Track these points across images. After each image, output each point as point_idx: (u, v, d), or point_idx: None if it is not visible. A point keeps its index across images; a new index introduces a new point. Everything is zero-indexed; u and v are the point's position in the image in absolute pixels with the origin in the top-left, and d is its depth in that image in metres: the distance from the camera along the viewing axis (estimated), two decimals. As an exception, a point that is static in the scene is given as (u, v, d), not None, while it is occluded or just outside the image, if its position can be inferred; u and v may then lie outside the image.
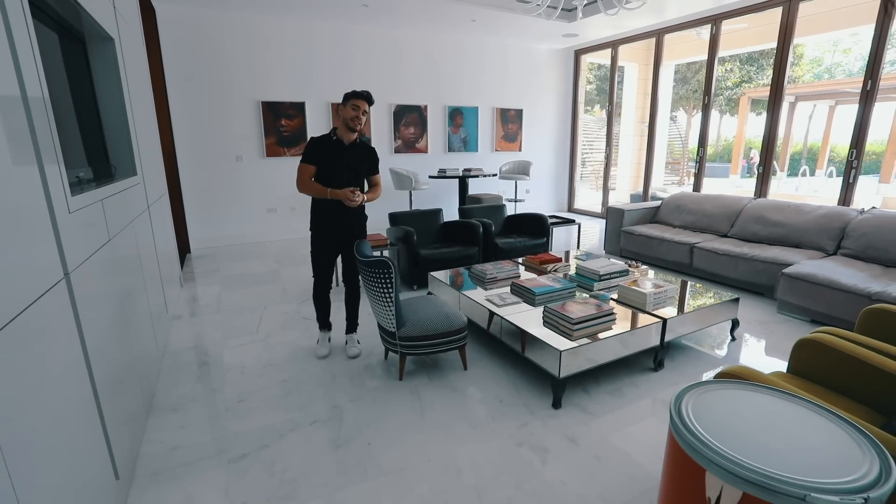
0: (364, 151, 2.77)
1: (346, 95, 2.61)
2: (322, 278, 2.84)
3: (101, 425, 1.56)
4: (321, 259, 2.80)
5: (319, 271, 2.82)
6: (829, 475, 0.97)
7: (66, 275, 1.39)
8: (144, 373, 2.31)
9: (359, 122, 2.60)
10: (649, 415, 2.26)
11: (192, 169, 5.61)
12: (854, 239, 3.78)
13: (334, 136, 2.67)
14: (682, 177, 12.16)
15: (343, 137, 2.66)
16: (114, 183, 2.26)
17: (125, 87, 2.72)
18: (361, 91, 2.63)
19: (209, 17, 5.35)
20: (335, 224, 2.72)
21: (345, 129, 2.65)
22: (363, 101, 2.61)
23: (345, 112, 2.61)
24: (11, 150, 1.17)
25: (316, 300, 2.91)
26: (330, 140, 2.67)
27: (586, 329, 2.44)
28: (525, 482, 1.81)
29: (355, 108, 2.58)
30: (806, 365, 1.86)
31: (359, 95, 2.60)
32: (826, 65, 13.60)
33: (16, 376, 1.05)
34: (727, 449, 1.05)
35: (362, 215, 2.83)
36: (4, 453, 0.96)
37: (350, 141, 2.68)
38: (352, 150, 2.69)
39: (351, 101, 2.59)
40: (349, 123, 2.60)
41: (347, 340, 2.98)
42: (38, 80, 1.38)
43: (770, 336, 3.20)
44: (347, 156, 2.67)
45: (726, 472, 1.01)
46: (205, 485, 1.81)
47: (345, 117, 2.61)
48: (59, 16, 2.06)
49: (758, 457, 1.02)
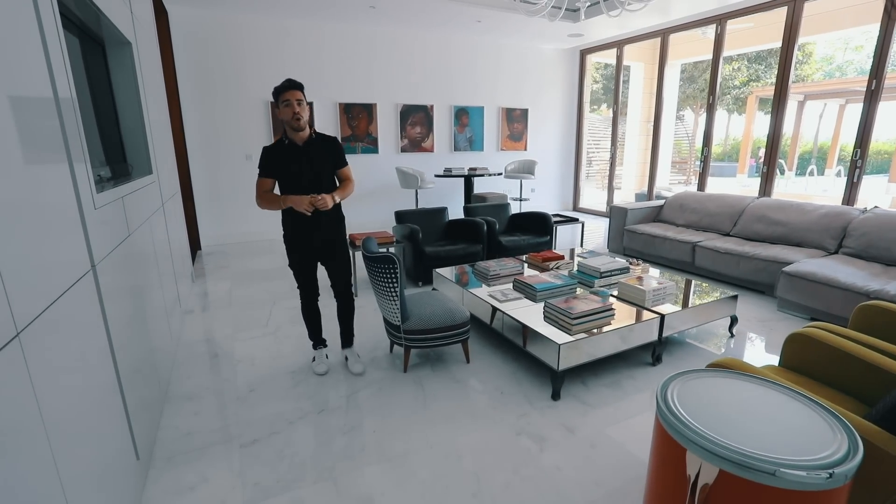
0: (323, 146, 2.42)
1: (273, 95, 2.29)
2: (306, 289, 2.60)
3: (124, 409, 1.66)
4: (300, 269, 2.56)
5: (303, 282, 2.58)
6: (800, 453, 1.04)
7: (92, 266, 1.49)
8: (160, 363, 2.42)
9: (300, 118, 2.25)
10: (646, 408, 2.33)
11: (202, 168, 5.75)
12: (855, 238, 3.81)
13: (285, 139, 2.36)
14: (688, 176, 12.14)
15: (294, 139, 2.35)
16: (131, 181, 2.37)
17: (141, 89, 2.84)
18: (284, 82, 2.26)
19: (220, 19, 5.48)
20: (306, 231, 2.45)
21: (291, 131, 2.33)
22: (291, 90, 2.24)
23: (282, 114, 2.27)
24: (46, 148, 1.27)
25: (304, 313, 2.69)
26: (282, 145, 2.36)
27: (585, 324, 2.51)
28: (522, 468, 1.89)
29: (287, 104, 2.24)
30: (796, 358, 1.92)
31: (283, 88, 2.25)
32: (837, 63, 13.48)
33: (53, 359, 1.15)
34: (706, 430, 1.12)
35: (337, 216, 2.52)
36: (48, 432, 1.06)
37: (303, 140, 2.36)
38: (308, 150, 2.37)
39: (280, 99, 2.25)
40: (292, 123, 2.27)
41: (347, 356, 2.75)
42: (68, 82, 1.48)
43: (769, 333, 3.25)
44: (304, 158, 2.36)
45: (705, 451, 1.08)
46: (218, 467, 1.91)
47: (284, 119, 2.28)
48: (81, 21, 2.17)
49: (734, 437, 1.10)
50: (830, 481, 0.98)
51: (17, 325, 0.99)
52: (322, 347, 2.75)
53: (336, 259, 2.59)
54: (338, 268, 2.61)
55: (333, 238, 2.54)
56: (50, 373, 1.12)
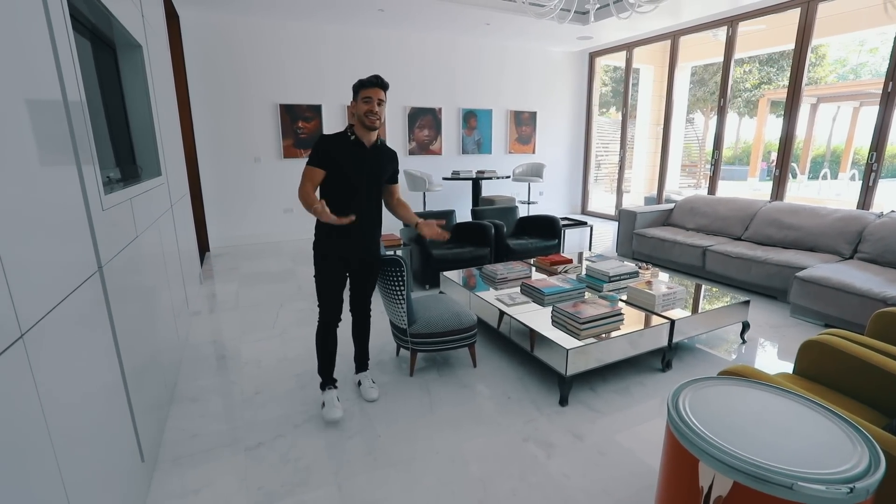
0: (386, 156, 2.23)
1: (354, 88, 2.10)
2: (331, 311, 2.24)
3: (130, 411, 1.66)
4: (331, 286, 2.21)
5: (328, 302, 2.22)
6: (818, 466, 1.00)
7: (99, 268, 1.49)
8: (167, 364, 2.42)
9: (377, 117, 2.06)
10: (655, 414, 2.29)
11: (211, 170, 5.79)
12: (871, 243, 3.73)
13: (352, 134, 2.12)
14: (698, 179, 12.03)
15: (362, 138, 2.12)
16: (140, 183, 2.38)
17: (151, 92, 2.85)
18: (370, 77, 2.06)
19: (230, 22, 5.52)
20: (352, 243, 2.19)
21: (362, 129, 2.11)
22: (376, 88, 2.06)
23: (357, 108, 2.07)
24: (54, 150, 1.27)
25: (321, 341, 2.28)
26: (347, 139, 2.11)
27: (594, 329, 2.47)
28: (530, 475, 1.86)
29: (368, 101, 2.04)
30: (811, 366, 1.87)
31: (369, 83, 2.05)
32: (851, 65, 13.29)
33: (58, 361, 1.15)
34: (720, 440, 1.09)
35: (379, 231, 2.31)
36: (51, 434, 1.05)
37: (371, 143, 2.15)
38: (373, 154, 2.16)
39: (361, 94, 2.06)
40: (366, 121, 2.06)
41: (361, 381, 2.50)
42: (77, 85, 1.49)
43: (782, 339, 3.19)
44: (370, 161, 2.15)
45: (718, 462, 1.05)
46: (223, 470, 1.90)
47: (358, 114, 2.08)
48: (92, 24, 2.19)
49: (749, 448, 1.06)
50: (851, 497, 0.94)
51: (21, 327, 0.98)
52: (333, 388, 2.34)
53: (370, 279, 2.38)
54: (367, 287, 2.39)
55: (373, 260, 2.32)
56: (54, 374, 1.12)
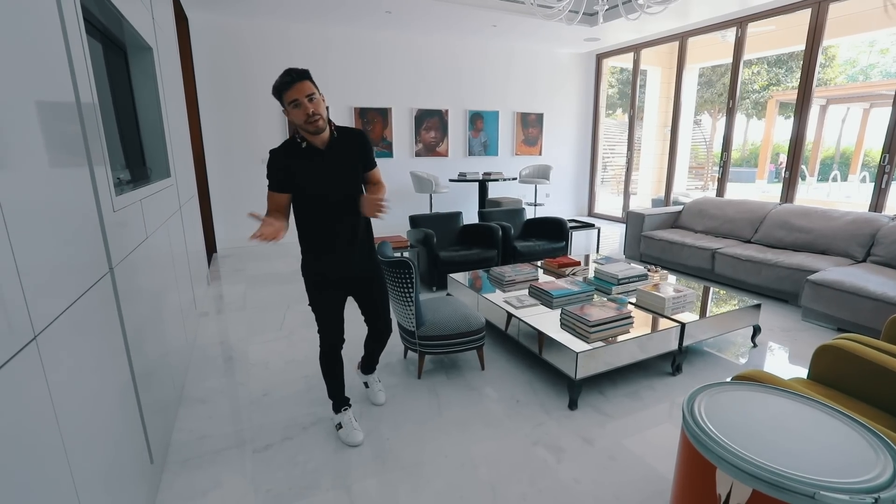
0: (349, 147, 1.89)
1: (274, 96, 1.73)
2: (332, 336, 2.00)
3: (139, 412, 1.66)
4: (327, 310, 1.97)
5: (327, 327, 1.98)
6: (840, 475, 0.98)
7: (110, 269, 1.50)
8: (175, 365, 2.43)
9: (319, 116, 1.73)
10: (666, 419, 2.26)
11: (219, 171, 5.81)
12: (885, 246, 3.68)
13: (302, 141, 1.80)
14: (706, 181, 11.94)
15: (314, 142, 1.80)
16: (150, 184, 2.39)
17: (161, 94, 2.87)
18: (283, 76, 1.69)
19: (239, 24, 5.55)
20: (338, 259, 1.94)
21: (308, 135, 1.79)
22: (297, 84, 1.68)
23: (292, 117, 1.73)
24: (67, 152, 1.27)
25: (328, 368, 2.07)
26: (296, 148, 1.80)
27: (603, 332, 2.45)
28: (539, 480, 1.84)
29: (296, 104, 1.69)
30: (827, 371, 1.84)
31: (285, 84, 1.68)
32: (861, 66, 13.16)
33: (70, 362, 1.15)
34: (738, 447, 1.07)
35: (370, 245, 2.04)
36: (63, 434, 1.05)
37: (325, 143, 1.82)
38: (333, 152, 1.84)
39: (285, 99, 1.70)
40: (308, 128, 1.74)
41: (368, 383, 2.41)
42: (90, 87, 1.49)
43: (793, 343, 3.14)
44: (329, 165, 1.83)
45: (737, 470, 1.03)
46: (232, 472, 1.90)
47: (296, 122, 1.75)
48: (104, 27, 2.20)
49: (768, 455, 1.04)
50: (875, 506, 0.92)
51: (34, 329, 0.98)
52: (347, 408, 2.14)
53: (373, 294, 2.10)
54: (376, 302, 2.13)
55: (370, 275, 2.06)
56: (66, 376, 1.12)
